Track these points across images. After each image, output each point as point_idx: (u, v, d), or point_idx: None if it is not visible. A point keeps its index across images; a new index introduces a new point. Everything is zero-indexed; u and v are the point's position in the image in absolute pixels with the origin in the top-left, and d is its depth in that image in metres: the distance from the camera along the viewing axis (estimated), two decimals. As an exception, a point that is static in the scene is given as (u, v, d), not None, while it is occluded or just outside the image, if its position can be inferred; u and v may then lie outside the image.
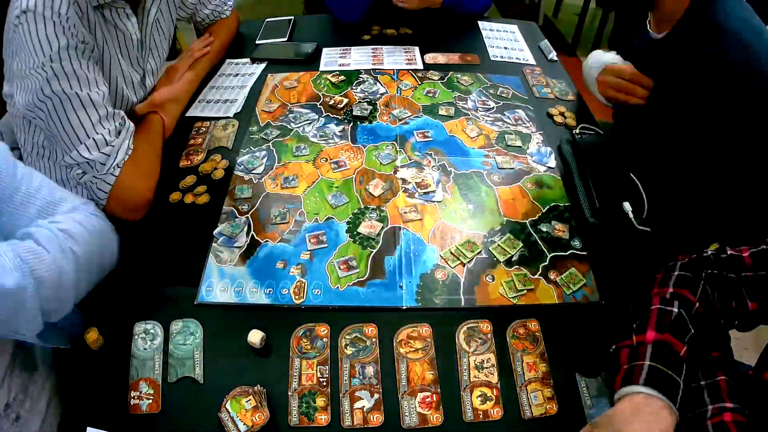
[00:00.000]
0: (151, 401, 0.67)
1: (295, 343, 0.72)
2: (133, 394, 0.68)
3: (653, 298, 0.68)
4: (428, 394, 0.67)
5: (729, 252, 0.69)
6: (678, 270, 0.70)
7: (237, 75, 1.25)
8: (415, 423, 0.65)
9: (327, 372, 0.69)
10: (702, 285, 0.67)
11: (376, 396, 0.67)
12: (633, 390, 0.58)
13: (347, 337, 0.72)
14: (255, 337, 0.70)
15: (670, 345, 0.61)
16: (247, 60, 1.29)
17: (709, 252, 0.70)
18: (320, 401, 0.67)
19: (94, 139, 0.85)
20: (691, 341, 0.62)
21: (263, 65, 1.27)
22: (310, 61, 1.27)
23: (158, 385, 0.68)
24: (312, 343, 0.72)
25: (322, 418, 0.65)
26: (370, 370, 0.69)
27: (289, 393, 0.67)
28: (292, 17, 1.46)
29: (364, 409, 0.66)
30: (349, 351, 0.71)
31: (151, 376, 0.69)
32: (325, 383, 0.68)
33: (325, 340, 0.72)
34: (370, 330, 0.73)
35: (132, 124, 0.93)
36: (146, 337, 0.73)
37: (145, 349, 0.72)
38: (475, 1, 1.44)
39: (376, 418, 0.65)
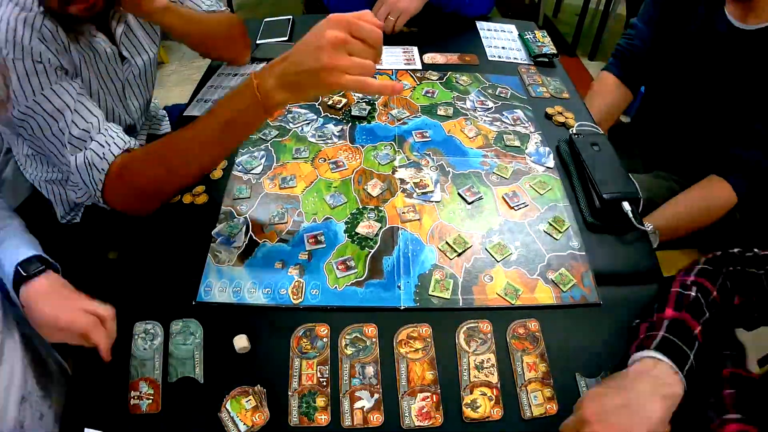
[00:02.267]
0: (151, 401, 0.67)
1: (295, 343, 0.72)
2: (133, 394, 0.68)
3: (674, 283, 0.71)
4: (428, 394, 0.67)
5: (755, 251, 0.71)
6: (701, 263, 0.72)
7: (236, 75, 1.24)
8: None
9: (327, 372, 0.69)
10: (722, 278, 0.70)
11: (376, 396, 0.67)
12: (644, 354, 0.62)
13: (347, 337, 0.72)
14: (241, 342, 0.70)
15: (685, 322, 0.65)
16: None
17: (735, 250, 0.72)
18: (320, 401, 0.67)
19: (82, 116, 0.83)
20: (705, 324, 0.65)
21: (262, 65, 1.27)
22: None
23: (158, 385, 0.68)
24: (312, 343, 0.72)
25: (322, 418, 0.65)
26: (370, 370, 0.69)
27: (289, 393, 0.67)
28: (291, 17, 1.46)
29: (364, 409, 0.66)
30: (349, 351, 0.71)
31: (151, 376, 0.69)
32: (325, 383, 0.68)
33: (325, 340, 0.72)
34: (370, 330, 0.73)
35: (134, 140, 0.89)
36: (146, 337, 0.73)
37: (144, 349, 0.72)
38: (467, 4, 1.42)
39: (376, 418, 0.65)
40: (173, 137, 0.84)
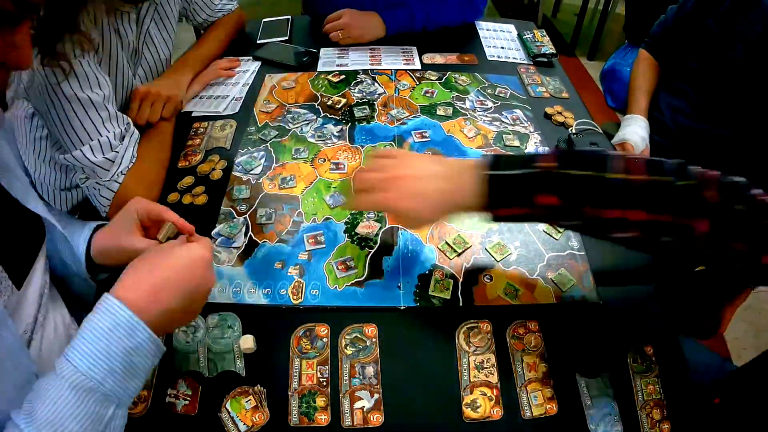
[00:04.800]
0: (187, 402, 0.67)
1: (295, 343, 0.72)
2: (169, 392, 0.67)
3: None
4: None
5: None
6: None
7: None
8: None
9: (327, 372, 0.69)
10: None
11: (376, 396, 0.67)
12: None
13: (347, 337, 0.72)
14: (248, 342, 0.69)
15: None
16: (243, 57, 1.29)
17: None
18: (320, 401, 0.67)
19: (98, 141, 0.84)
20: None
21: (258, 63, 1.27)
22: (308, 66, 1.27)
23: (197, 386, 0.68)
24: (312, 343, 0.72)
25: (322, 418, 0.65)
26: (370, 370, 0.69)
27: (289, 393, 0.67)
28: (290, 17, 1.46)
29: (364, 409, 0.66)
30: (349, 351, 0.71)
31: (196, 369, 0.69)
32: (325, 383, 0.68)
33: (325, 340, 0.72)
34: (370, 330, 0.73)
35: (137, 132, 0.92)
36: (187, 330, 0.73)
37: (187, 342, 0.72)
38: (445, 12, 1.39)
39: (376, 418, 0.65)
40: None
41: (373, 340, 0.72)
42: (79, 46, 0.68)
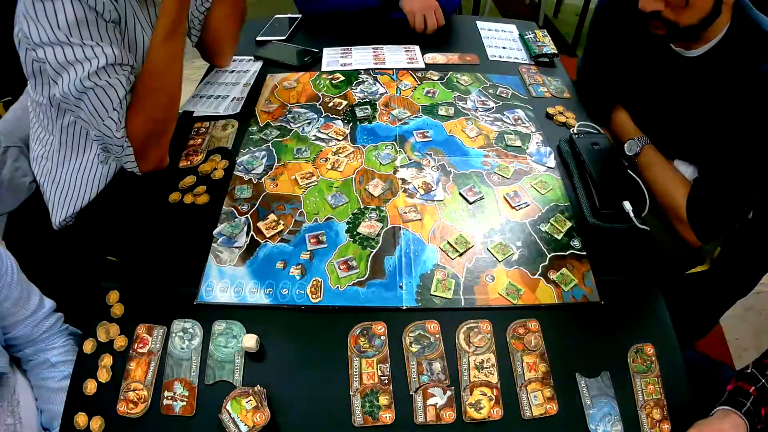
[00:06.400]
0: (185, 403, 0.67)
1: (353, 342, 0.72)
2: (166, 394, 0.68)
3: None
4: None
5: None
6: None
7: (233, 72, 1.25)
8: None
9: (388, 370, 0.69)
10: None
11: (449, 393, 0.68)
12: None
13: (411, 334, 0.73)
14: (249, 341, 0.70)
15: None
16: (244, 57, 1.30)
17: None
18: (383, 399, 0.67)
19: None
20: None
21: (259, 63, 1.27)
22: (310, 66, 1.27)
23: (194, 387, 0.69)
24: (370, 342, 0.72)
25: (387, 417, 0.66)
26: (437, 366, 0.70)
27: (351, 393, 0.68)
28: (299, 15, 1.46)
29: (437, 406, 0.67)
30: (414, 348, 0.71)
31: (187, 377, 0.69)
32: (386, 381, 0.69)
33: (383, 338, 0.72)
34: (433, 326, 0.73)
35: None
36: (184, 336, 0.73)
37: (182, 348, 0.72)
38: None
39: (448, 415, 0.66)
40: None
41: (437, 336, 0.72)
42: None
